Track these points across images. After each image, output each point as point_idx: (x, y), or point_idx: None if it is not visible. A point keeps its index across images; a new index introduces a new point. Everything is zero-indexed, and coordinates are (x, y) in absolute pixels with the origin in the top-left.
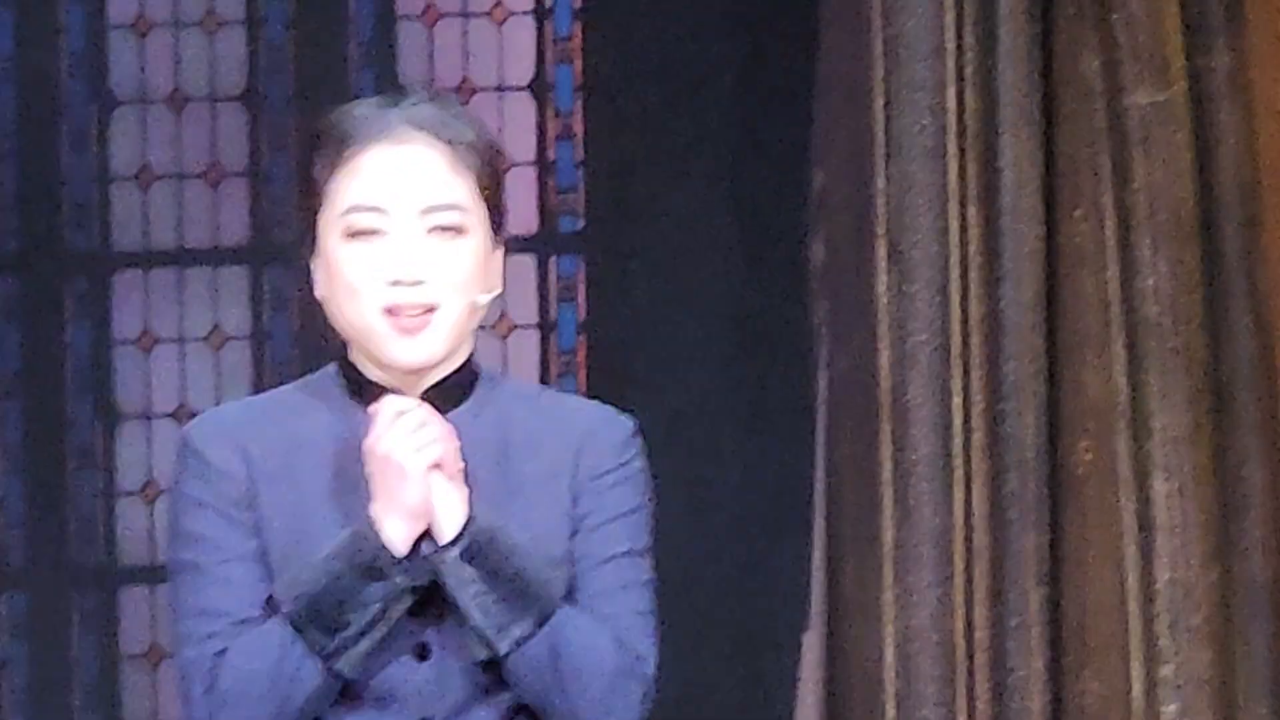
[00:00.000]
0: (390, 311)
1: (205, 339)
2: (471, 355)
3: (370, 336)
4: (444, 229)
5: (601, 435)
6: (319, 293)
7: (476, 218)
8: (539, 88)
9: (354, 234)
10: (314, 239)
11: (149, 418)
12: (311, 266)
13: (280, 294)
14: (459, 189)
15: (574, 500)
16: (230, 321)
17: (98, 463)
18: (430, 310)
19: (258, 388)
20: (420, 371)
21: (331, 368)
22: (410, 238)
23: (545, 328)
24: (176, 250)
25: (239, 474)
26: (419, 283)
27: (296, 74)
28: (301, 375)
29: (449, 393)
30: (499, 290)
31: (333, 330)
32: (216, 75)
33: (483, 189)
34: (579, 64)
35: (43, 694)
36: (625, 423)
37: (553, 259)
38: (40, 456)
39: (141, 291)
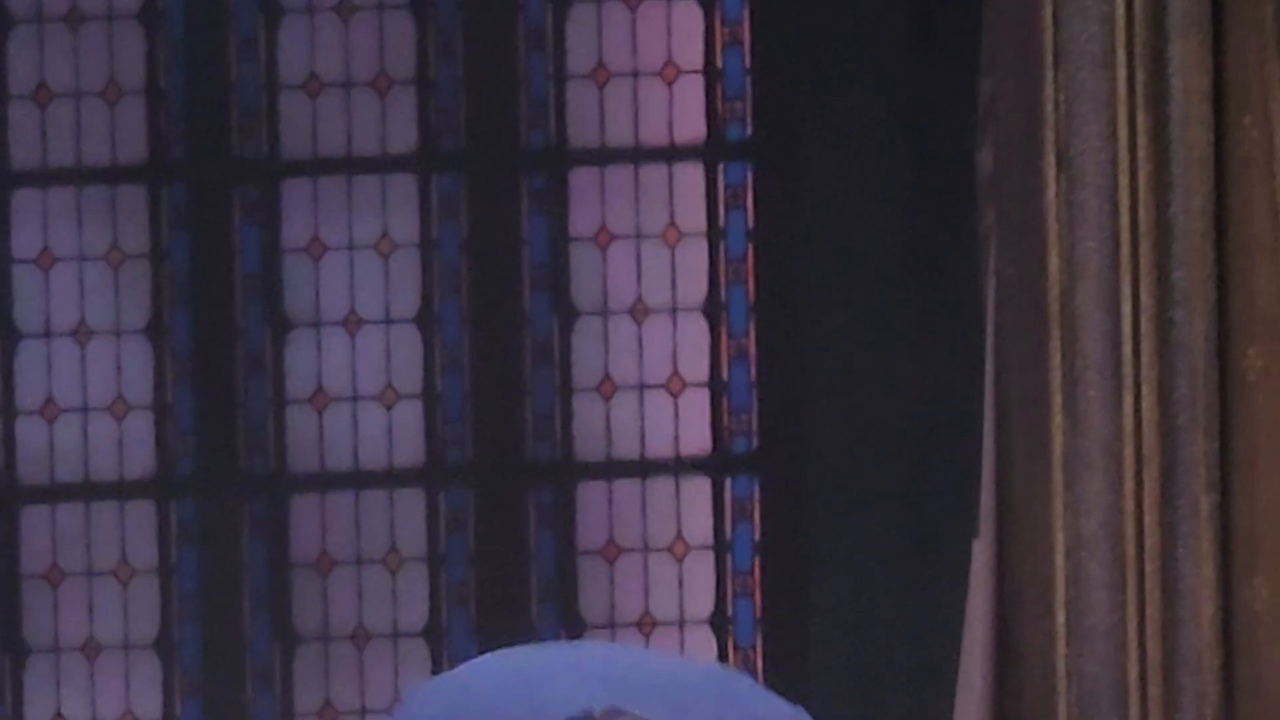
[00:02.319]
0: None
1: (373, 246)
2: None
3: None
4: None
5: None
6: None
7: None
8: None
9: None
10: None
11: (318, 325)
12: None
13: (448, 201)
14: None
15: None
16: (398, 229)
17: (267, 370)
18: None
19: (425, 296)
20: None
21: None
22: None
23: (713, 235)
24: (344, 158)
25: None
26: None
27: None
28: (468, 281)
29: None
30: None
31: None
32: None
33: None
34: None
35: (212, 601)
36: None
37: (720, 166)
38: (210, 364)
39: (310, 199)
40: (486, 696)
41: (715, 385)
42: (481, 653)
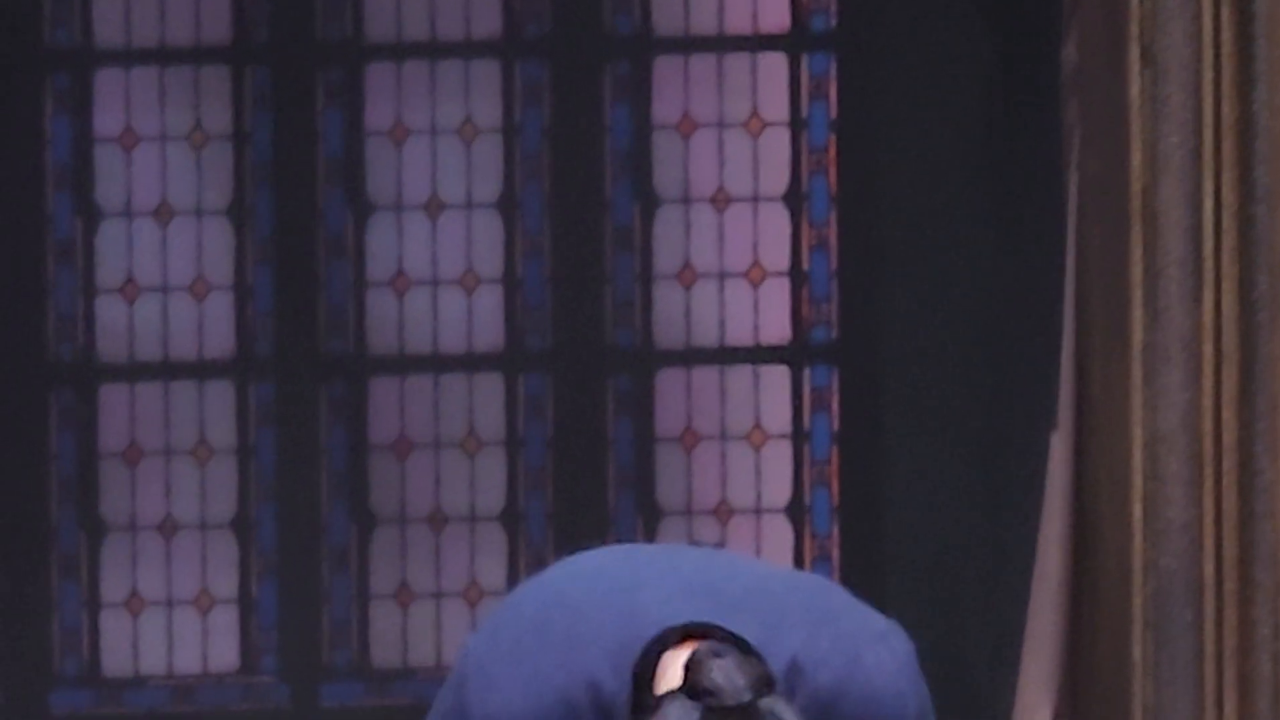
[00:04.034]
0: None
1: (456, 131)
2: None
3: None
4: None
5: None
6: None
7: None
8: None
9: None
10: None
11: (399, 209)
12: None
13: (532, 87)
14: None
15: None
16: (481, 114)
17: (348, 253)
18: None
19: (507, 181)
20: None
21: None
22: None
23: (796, 125)
24: (429, 42)
25: None
26: None
27: None
28: (551, 167)
29: None
30: None
31: None
32: None
33: None
34: None
35: (289, 482)
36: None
37: (805, 57)
38: (290, 246)
39: (394, 83)
40: (579, 602)
41: (796, 274)
42: (558, 539)
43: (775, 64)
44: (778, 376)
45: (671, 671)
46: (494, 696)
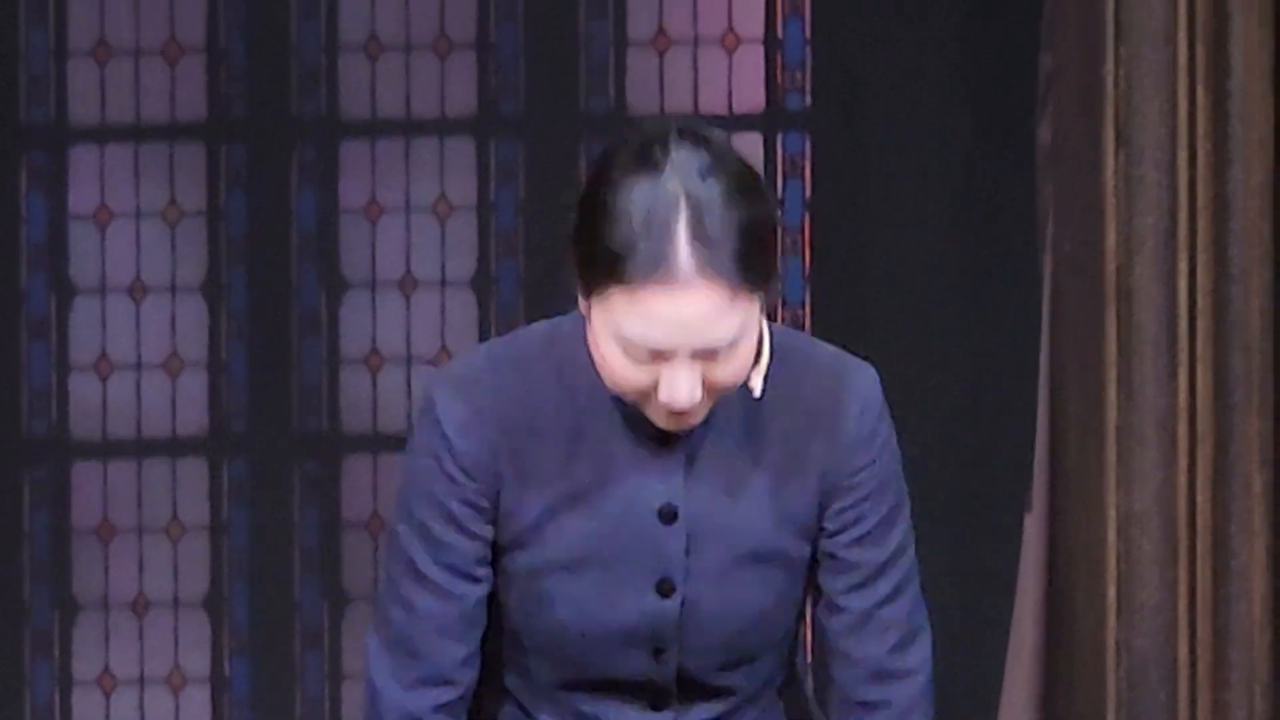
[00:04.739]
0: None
1: (431, 209)
2: None
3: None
4: (719, 349)
5: (854, 420)
6: (590, 338)
7: (753, 319)
8: None
9: (627, 349)
10: (579, 287)
11: (373, 286)
12: (579, 300)
13: (506, 166)
14: (738, 319)
15: (828, 493)
16: (455, 192)
17: (322, 330)
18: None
19: (482, 259)
20: None
21: (581, 334)
22: (684, 373)
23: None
24: (403, 120)
25: (486, 469)
26: (690, 405)
27: None
28: (525, 245)
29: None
30: (765, 360)
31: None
32: None
33: (763, 287)
34: None
35: (262, 560)
36: (873, 392)
37: (779, 136)
38: (264, 323)
39: (368, 160)
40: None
41: None
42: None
43: (750, 143)
44: None
45: None
46: (453, 364)
